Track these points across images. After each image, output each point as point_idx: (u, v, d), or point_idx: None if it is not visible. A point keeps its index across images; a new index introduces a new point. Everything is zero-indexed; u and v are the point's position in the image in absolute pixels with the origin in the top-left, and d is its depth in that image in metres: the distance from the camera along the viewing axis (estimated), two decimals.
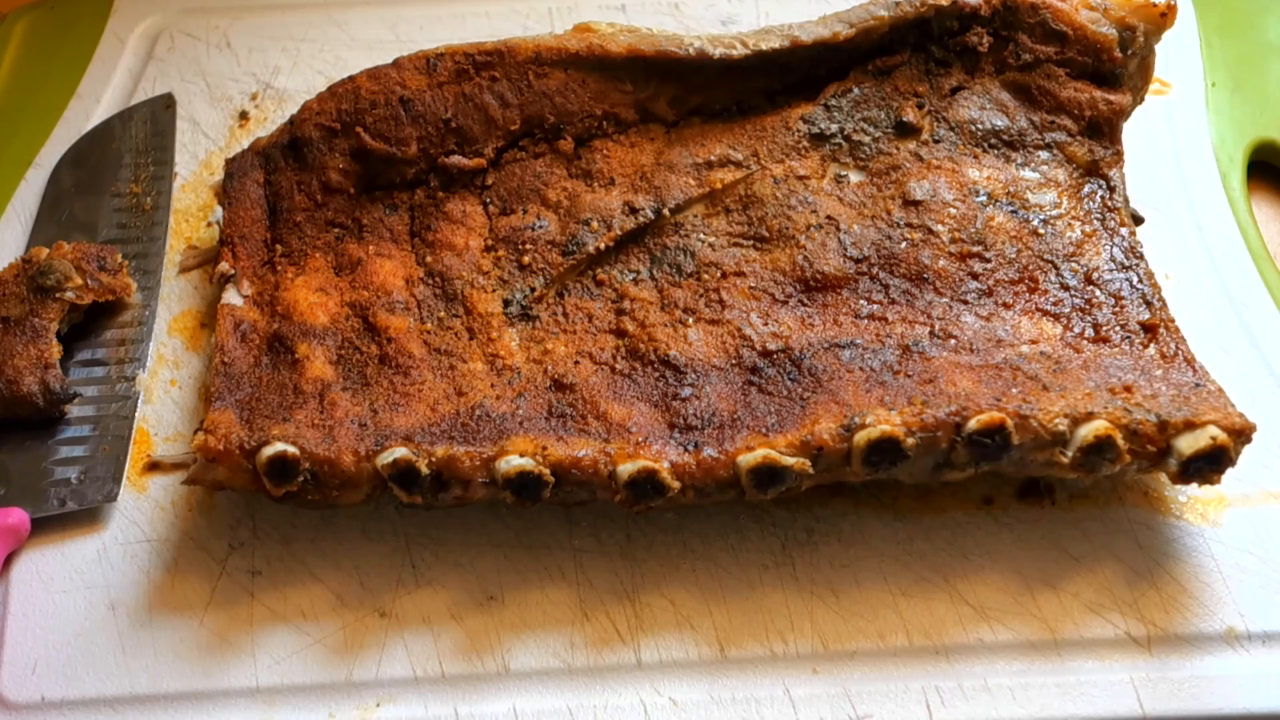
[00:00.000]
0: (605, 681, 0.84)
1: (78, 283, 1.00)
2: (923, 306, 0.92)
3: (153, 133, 1.18)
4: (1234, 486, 0.91)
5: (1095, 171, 0.99)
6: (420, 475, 0.84)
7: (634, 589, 0.88)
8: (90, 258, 1.02)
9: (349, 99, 1.02)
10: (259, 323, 0.96)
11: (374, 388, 0.91)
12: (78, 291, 1.00)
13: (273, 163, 1.03)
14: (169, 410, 0.99)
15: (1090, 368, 0.87)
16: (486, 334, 0.94)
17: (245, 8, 1.32)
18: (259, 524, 0.92)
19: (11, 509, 0.90)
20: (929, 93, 1.02)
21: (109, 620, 0.88)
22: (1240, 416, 0.82)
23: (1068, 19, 1.01)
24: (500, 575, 0.89)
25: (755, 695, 0.83)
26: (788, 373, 0.88)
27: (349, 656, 0.86)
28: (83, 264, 1.02)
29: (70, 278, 1.00)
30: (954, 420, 0.82)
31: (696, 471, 0.83)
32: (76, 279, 1.00)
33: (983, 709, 0.82)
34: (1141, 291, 0.92)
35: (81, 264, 1.02)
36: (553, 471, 0.83)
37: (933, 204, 0.97)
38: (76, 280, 1.00)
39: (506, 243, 0.98)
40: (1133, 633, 0.85)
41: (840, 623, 0.86)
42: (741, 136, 1.02)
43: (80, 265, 1.01)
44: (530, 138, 1.03)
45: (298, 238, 1.00)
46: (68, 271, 1.00)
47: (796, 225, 0.96)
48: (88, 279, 1.01)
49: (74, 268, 1.01)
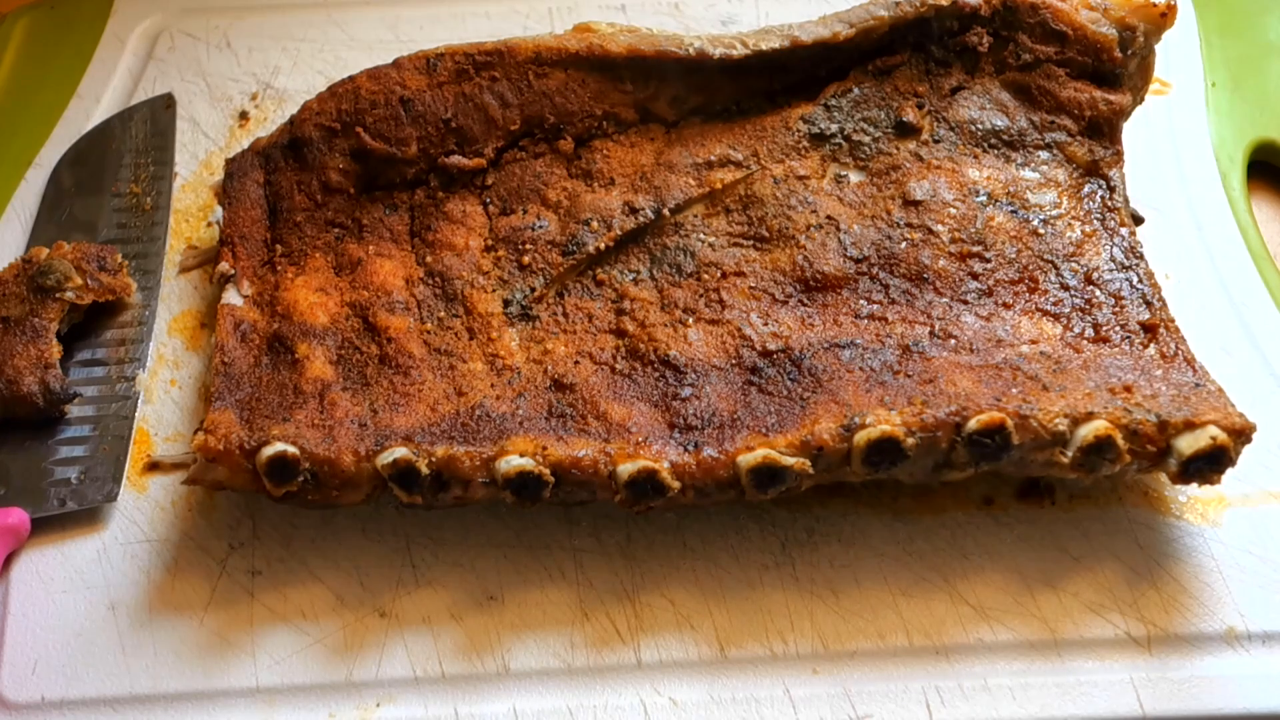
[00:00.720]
0: (605, 681, 0.84)
1: (78, 283, 1.00)
2: (923, 306, 0.92)
3: (153, 133, 1.18)
4: (1234, 486, 0.91)
5: (1095, 171, 0.99)
6: (420, 475, 0.84)
7: (634, 589, 0.88)
8: (90, 258, 1.02)
9: (349, 99, 1.02)
10: (259, 323, 0.96)
11: (374, 388, 0.91)
12: (78, 291, 1.00)
13: (273, 163, 1.03)
14: (169, 410, 0.99)
15: (1090, 368, 0.87)
16: (486, 334, 0.94)
17: (245, 8, 1.31)
18: (259, 524, 0.92)
19: (11, 509, 0.90)
20: (929, 93, 1.02)
21: (109, 620, 0.88)
22: (1240, 416, 0.82)
23: (1068, 19, 1.01)
24: (500, 575, 0.89)
25: (755, 695, 0.83)
26: (788, 373, 0.88)
27: (349, 656, 0.86)
28: (83, 264, 1.02)
29: (70, 278, 1.00)
30: (954, 420, 0.82)
31: (696, 471, 0.83)
32: (76, 279, 1.00)
33: (983, 709, 0.82)
34: (1141, 291, 0.92)
35: (81, 264, 1.02)
36: (553, 471, 0.83)
37: (933, 204, 0.97)
38: (76, 280, 1.00)
39: (506, 243, 0.98)
40: (1133, 633, 0.85)
41: (840, 623, 0.86)
42: (741, 136, 1.02)
43: (80, 265, 1.01)
44: (530, 138, 1.03)
45: (298, 238, 1.00)
46: (68, 271, 1.00)
47: (796, 225, 0.96)
48: (88, 279, 1.01)
49: (74, 268, 1.01)
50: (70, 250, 1.02)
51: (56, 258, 1.01)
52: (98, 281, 1.02)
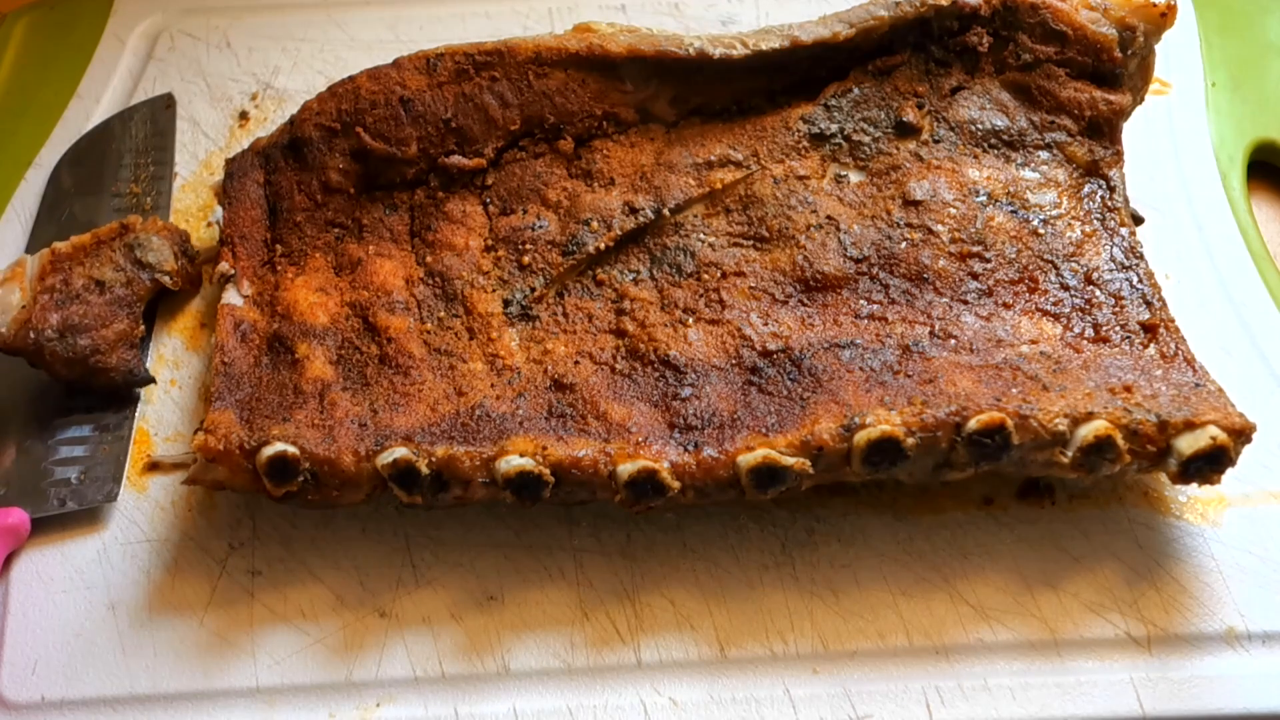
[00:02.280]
0: (605, 681, 0.84)
1: (174, 266, 0.99)
2: (923, 306, 0.92)
3: (153, 133, 1.18)
4: (1234, 486, 0.91)
5: (1095, 171, 0.99)
6: (420, 475, 0.84)
7: (634, 589, 0.88)
8: (179, 241, 1.01)
9: (349, 99, 1.02)
10: (259, 323, 0.96)
11: (374, 388, 0.91)
12: (173, 277, 0.99)
13: (273, 163, 1.03)
14: (169, 410, 0.99)
15: (1090, 368, 0.87)
16: (486, 334, 0.94)
17: (245, 8, 1.32)
18: (259, 524, 0.92)
19: (11, 509, 0.91)
20: (929, 93, 1.02)
21: (109, 620, 0.88)
22: (1240, 416, 0.82)
23: (1068, 19, 1.01)
24: (500, 575, 0.89)
25: (755, 695, 0.83)
26: (788, 373, 0.88)
27: (349, 656, 0.86)
28: (174, 247, 1.00)
29: (168, 260, 0.98)
30: (954, 420, 0.82)
31: (696, 471, 0.83)
32: (173, 263, 0.99)
33: (983, 709, 0.82)
34: (1141, 291, 0.92)
35: (174, 247, 1.00)
36: (553, 471, 0.83)
37: (933, 204, 0.97)
38: (174, 264, 0.99)
39: (506, 243, 0.98)
40: (1133, 633, 0.85)
41: (840, 623, 0.86)
42: (741, 136, 1.02)
43: (174, 248, 1.00)
44: (530, 138, 1.03)
45: (298, 238, 1.00)
46: (166, 254, 0.98)
47: (796, 225, 0.96)
48: (179, 262, 1.00)
49: (170, 250, 0.99)
50: (163, 228, 1.01)
51: (159, 235, 0.99)
52: (185, 268, 1.01)
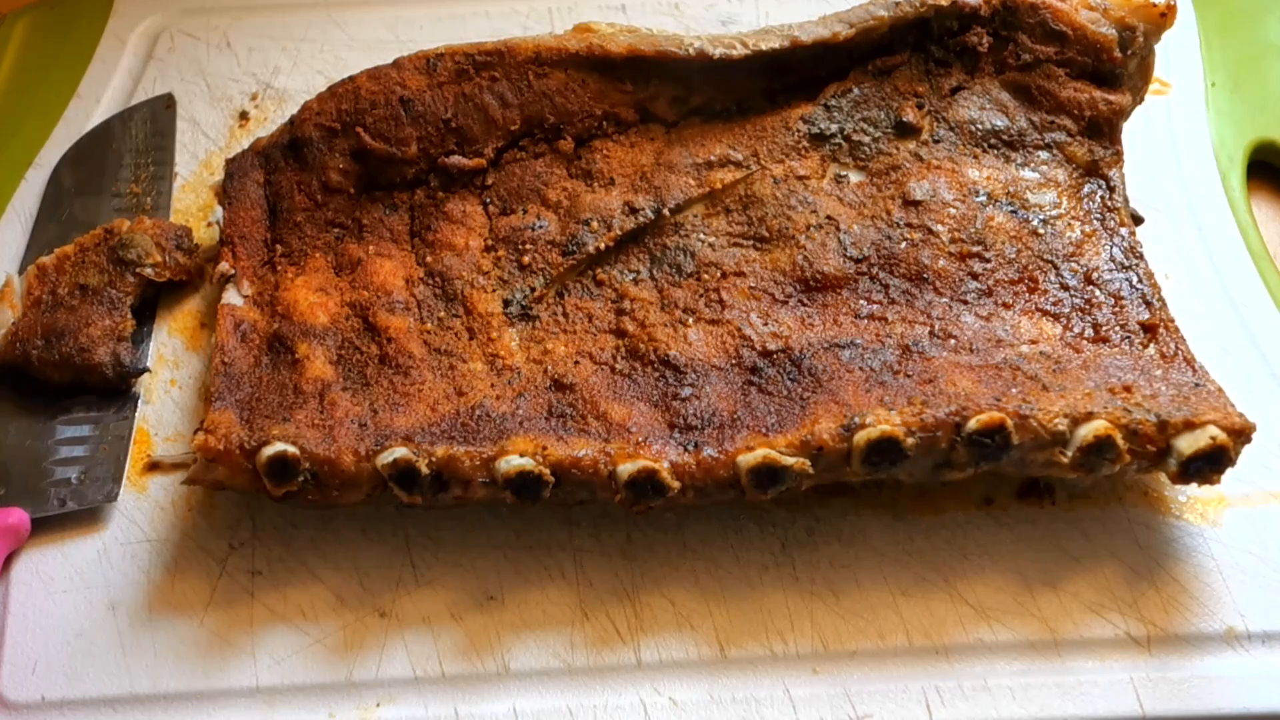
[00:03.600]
0: (605, 681, 0.84)
1: (157, 259, 1.02)
2: (923, 306, 0.92)
3: (153, 133, 1.18)
4: (1234, 486, 0.91)
5: (1095, 171, 0.99)
6: (420, 475, 0.84)
7: (634, 589, 0.88)
8: (169, 235, 1.03)
9: (349, 99, 1.02)
10: (259, 323, 0.96)
11: (374, 388, 0.91)
12: (156, 268, 1.01)
13: (273, 163, 1.03)
14: (169, 410, 0.99)
15: (1090, 368, 0.87)
16: (486, 334, 0.94)
17: (245, 8, 1.31)
18: (259, 524, 0.92)
19: (11, 509, 0.90)
20: (929, 93, 1.02)
21: (109, 620, 0.88)
22: (1240, 416, 0.82)
23: (1068, 19, 1.01)
24: (500, 575, 0.89)
25: (755, 695, 0.83)
26: (788, 373, 0.88)
27: (349, 656, 0.86)
28: (162, 241, 1.03)
29: (150, 254, 1.01)
30: (954, 420, 0.82)
31: (696, 471, 0.83)
32: (156, 255, 1.01)
33: (983, 709, 0.82)
34: (1141, 291, 0.92)
35: (161, 241, 1.03)
36: (553, 471, 0.83)
37: (933, 204, 0.97)
38: (156, 257, 1.01)
39: (506, 243, 0.98)
40: (1133, 633, 0.85)
41: (840, 623, 0.86)
42: (741, 136, 1.02)
43: (160, 242, 1.03)
44: (530, 138, 1.03)
45: (298, 238, 1.00)
46: (149, 247, 1.01)
47: (796, 225, 0.96)
48: (166, 256, 1.02)
49: (154, 244, 1.02)
50: (151, 226, 1.03)
51: (139, 232, 1.02)
52: (175, 260, 1.03)
